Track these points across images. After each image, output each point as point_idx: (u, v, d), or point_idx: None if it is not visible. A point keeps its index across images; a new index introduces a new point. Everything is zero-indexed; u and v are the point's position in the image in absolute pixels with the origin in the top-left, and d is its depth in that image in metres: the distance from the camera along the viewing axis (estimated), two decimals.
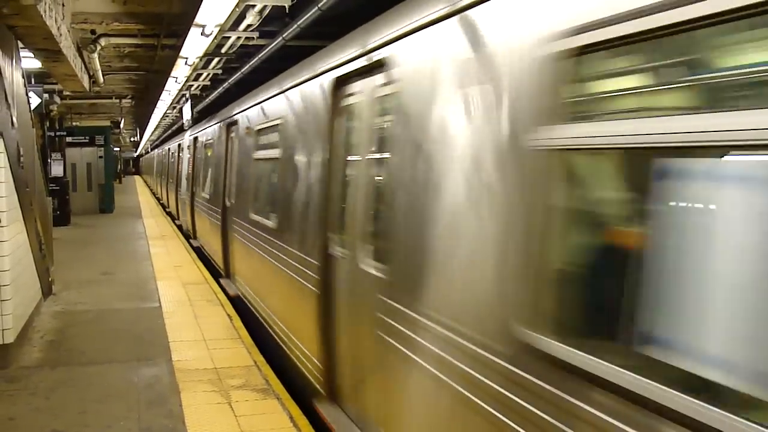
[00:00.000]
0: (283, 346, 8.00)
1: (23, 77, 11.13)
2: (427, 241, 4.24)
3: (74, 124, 31.72)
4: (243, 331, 9.79)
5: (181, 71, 14.17)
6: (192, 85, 17.51)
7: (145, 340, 9.43)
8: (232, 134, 12.80)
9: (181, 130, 30.60)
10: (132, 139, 61.34)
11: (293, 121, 7.78)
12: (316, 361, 6.64)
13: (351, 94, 6.02)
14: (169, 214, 29.69)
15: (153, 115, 29.06)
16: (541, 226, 3.27)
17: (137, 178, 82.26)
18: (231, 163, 12.73)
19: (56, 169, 24.00)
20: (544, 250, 3.26)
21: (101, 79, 15.87)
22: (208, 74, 15.64)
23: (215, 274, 14.13)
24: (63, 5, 10.26)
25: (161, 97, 20.78)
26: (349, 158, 6.09)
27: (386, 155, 5.05)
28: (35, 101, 16.29)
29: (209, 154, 16.11)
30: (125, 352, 8.86)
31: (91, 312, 11.16)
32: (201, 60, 13.04)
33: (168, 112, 26.67)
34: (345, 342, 5.94)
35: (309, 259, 6.78)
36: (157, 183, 40.99)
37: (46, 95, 18.89)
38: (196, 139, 18.97)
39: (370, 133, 5.53)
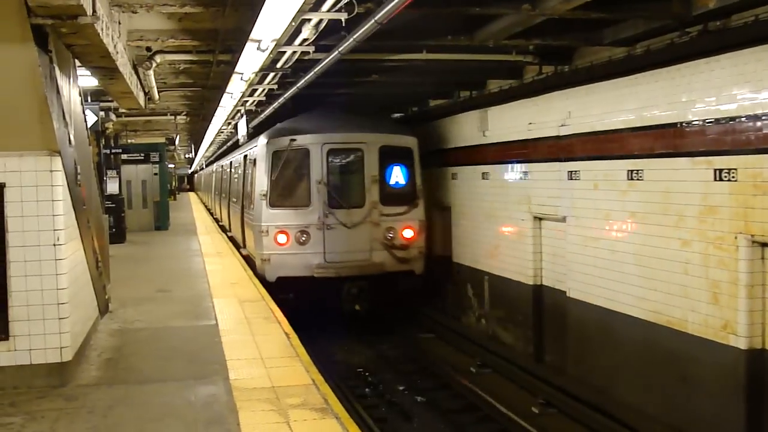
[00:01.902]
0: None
1: (80, 95, 11.34)
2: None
3: (129, 141, 32.21)
4: (300, 349, 9.83)
5: (236, 86, 14.30)
6: (247, 101, 17.66)
7: (201, 358, 9.51)
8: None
9: (235, 146, 31.18)
10: (187, 156, 62.16)
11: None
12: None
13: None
14: (222, 228, 30.07)
15: (207, 132, 29.36)
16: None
17: (192, 194, 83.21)
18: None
19: (112, 187, 24.38)
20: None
21: (156, 96, 16.09)
22: (264, 89, 15.75)
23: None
24: (119, 23, 10.45)
25: (216, 113, 21.00)
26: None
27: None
28: (92, 119, 16.59)
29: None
30: (182, 371, 8.94)
31: (148, 330, 11.30)
32: (256, 75, 13.16)
33: (223, 128, 26.91)
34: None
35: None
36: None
37: (102, 113, 19.22)
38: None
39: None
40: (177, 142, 36.94)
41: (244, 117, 20.13)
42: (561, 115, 13.65)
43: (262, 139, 17.79)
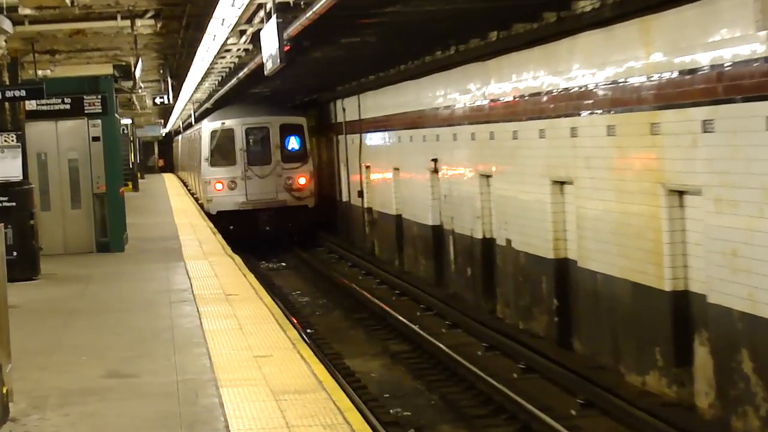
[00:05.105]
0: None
1: None
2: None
3: (42, 74, 32.39)
4: None
5: None
6: None
7: None
8: None
9: (257, 80, 31.56)
10: (159, 101, 62.42)
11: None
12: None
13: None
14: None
15: (198, 52, 29.54)
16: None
17: (169, 177, 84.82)
18: None
19: (8, 167, 24.53)
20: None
21: None
22: None
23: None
24: None
25: (215, 14, 20.98)
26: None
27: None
28: None
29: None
30: None
31: None
32: None
33: (230, 42, 26.94)
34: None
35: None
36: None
37: None
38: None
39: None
40: (138, 75, 36.93)
41: (274, 19, 19.95)
42: None
43: (205, 123, 55.19)
